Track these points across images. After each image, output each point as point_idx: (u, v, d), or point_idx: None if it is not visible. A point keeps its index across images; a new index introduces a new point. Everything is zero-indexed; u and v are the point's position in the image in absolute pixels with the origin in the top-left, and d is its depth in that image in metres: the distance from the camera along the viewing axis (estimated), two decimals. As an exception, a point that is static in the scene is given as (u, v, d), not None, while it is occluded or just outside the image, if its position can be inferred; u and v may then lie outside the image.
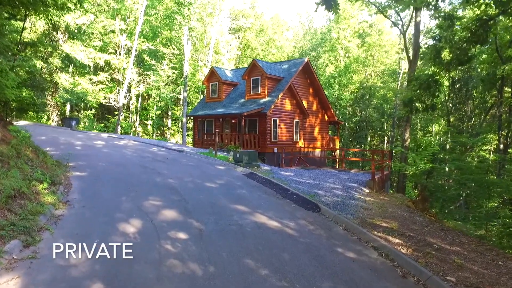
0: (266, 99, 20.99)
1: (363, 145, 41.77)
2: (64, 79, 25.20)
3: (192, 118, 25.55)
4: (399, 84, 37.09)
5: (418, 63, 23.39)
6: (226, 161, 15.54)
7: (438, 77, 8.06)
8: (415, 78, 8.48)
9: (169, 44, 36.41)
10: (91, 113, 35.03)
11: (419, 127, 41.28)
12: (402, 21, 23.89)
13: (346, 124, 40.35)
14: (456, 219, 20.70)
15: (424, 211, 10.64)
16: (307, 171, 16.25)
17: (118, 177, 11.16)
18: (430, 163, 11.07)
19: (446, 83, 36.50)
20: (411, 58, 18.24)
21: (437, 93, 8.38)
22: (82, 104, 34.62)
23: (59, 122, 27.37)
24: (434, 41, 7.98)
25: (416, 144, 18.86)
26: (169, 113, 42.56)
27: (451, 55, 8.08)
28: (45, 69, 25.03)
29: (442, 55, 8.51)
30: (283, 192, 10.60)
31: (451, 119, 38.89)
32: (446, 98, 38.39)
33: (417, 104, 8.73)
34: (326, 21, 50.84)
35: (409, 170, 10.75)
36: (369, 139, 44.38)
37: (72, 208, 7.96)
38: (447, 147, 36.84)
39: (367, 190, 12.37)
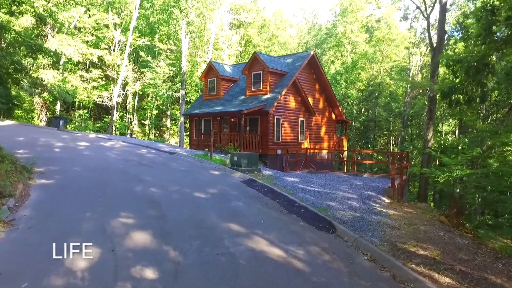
0: (268, 95, 19.11)
1: (370, 146, 39.74)
2: (51, 76, 23.48)
3: (188, 117, 23.72)
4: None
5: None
6: (222, 164, 13.67)
7: (489, 59, 6.17)
8: (456, 61, 6.60)
9: (167, 40, 34.61)
10: (84, 112, 33.27)
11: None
12: (425, 2, 21.37)
13: (353, 123, 38.34)
14: (475, 226, 18.64)
15: (459, 227, 8.72)
16: (315, 176, 14.35)
17: (91, 185, 9.34)
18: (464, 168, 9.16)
19: (457, 79, 34.46)
20: (435, 45, 16.17)
21: (485, 81, 6.46)
22: (77, 103, 32.96)
23: (48, 122, 25.71)
24: (486, 12, 6.06)
25: (441, 145, 16.88)
26: (169, 113, 40.81)
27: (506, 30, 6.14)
28: (31, 65, 23.31)
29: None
30: (288, 204, 8.71)
31: (464, 118, 36.75)
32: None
33: (457, 96, 6.82)
34: (331, 16, 48.81)
35: (441, 176, 8.84)
36: (374, 138, 42.31)
37: (14, 230, 6.13)
38: (459, 147, 34.72)
39: (387, 200, 10.44)
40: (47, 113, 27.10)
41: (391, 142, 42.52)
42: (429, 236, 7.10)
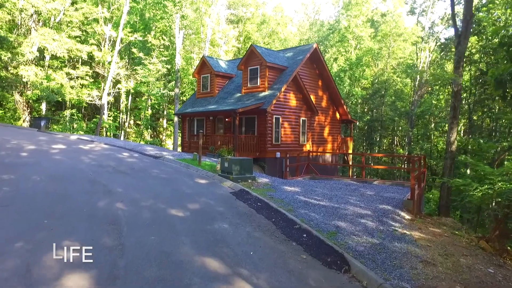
0: (267, 92, 17.30)
1: (376, 147, 37.85)
2: (32, 73, 21.71)
3: (180, 117, 21.92)
4: (418, 79, 33.07)
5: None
6: (212, 171, 11.85)
7: None
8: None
9: (160, 36, 32.80)
10: (75, 112, 31.41)
11: (433, 126, 37.19)
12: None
13: (357, 123, 36.43)
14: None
15: (502, 253, 6.89)
16: (319, 184, 12.52)
17: (44, 200, 7.56)
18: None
19: (466, 77, 32.48)
20: (460, 31, 14.26)
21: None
22: (68, 102, 31.16)
23: (31, 122, 24.01)
24: None
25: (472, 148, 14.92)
26: (165, 113, 39.03)
27: None
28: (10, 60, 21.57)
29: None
30: (286, 226, 6.88)
31: (474, 117, 34.83)
32: (467, 95, 34.46)
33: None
34: (334, 11, 46.85)
35: (478, 190, 7.03)
36: (378, 139, 40.34)
37: None
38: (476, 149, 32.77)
39: (407, 216, 8.62)
40: (31, 113, 25.36)
41: (395, 143, 40.59)
42: (477, 275, 5.25)
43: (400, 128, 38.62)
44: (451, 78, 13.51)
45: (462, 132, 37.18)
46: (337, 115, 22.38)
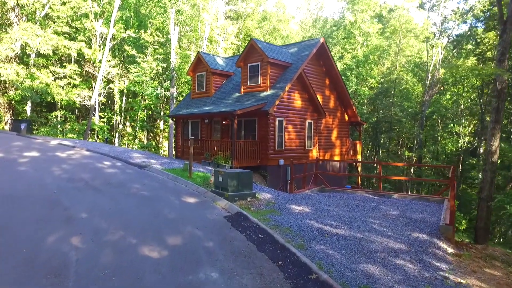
0: (268, 92, 15.42)
1: (384, 151, 35.90)
2: (13, 71, 19.87)
3: (174, 119, 20.05)
4: (429, 77, 31.13)
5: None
6: (203, 186, 9.97)
7: None
8: None
9: (157, 33, 30.92)
10: (64, 113, 29.55)
11: (441, 128, 35.15)
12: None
13: (366, 125, 34.47)
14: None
15: None
16: (331, 200, 10.62)
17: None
18: None
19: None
20: (505, 17, 12.23)
21: None
22: (59, 103, 29.32)
23: (11, 125, 22.18)
24: None
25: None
26: (162, 114, 37.13)
27: None
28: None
29: None
30: (298, 275, 4.99)
31: (487, 118, 32.89)
32: (477, 94, 32.56)
33: None
34: (339, 7, 44.87)
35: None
36: (387, 142, 38.30)
37: None
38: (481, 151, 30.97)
39: (450, 250, 6.75)
40: (14, 114, 23.51)
41: (399, 145, 38.59)
42: None
43: (405, 129, 36.67)
44: (496, 74, 11.53)
45: (467, 133, 35.22)
46: (346, 117, 20.49)
